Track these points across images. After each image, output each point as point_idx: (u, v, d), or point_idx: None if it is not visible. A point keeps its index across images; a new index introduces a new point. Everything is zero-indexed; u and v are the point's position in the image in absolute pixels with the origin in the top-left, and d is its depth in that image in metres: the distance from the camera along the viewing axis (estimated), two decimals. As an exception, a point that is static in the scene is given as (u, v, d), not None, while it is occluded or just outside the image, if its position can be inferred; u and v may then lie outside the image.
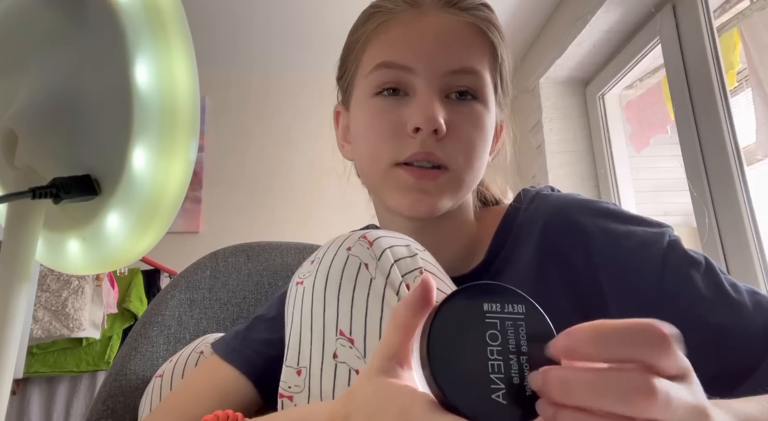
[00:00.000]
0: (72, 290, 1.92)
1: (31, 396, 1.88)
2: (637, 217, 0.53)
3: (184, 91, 0.43)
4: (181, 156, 0.44)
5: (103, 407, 0.73)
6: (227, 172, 2.50)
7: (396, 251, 0.45)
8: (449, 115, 0.53)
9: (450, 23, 0.55)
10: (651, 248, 0.48)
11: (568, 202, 0.55)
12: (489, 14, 0.57)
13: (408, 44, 0.55)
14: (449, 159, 0.53)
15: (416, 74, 0.54)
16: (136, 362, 0.78)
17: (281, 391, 0.43)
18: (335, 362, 0.40)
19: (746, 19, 1.65)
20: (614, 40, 1.97)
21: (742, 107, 1.89)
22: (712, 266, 0.48)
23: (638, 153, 2.14)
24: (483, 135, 0.56)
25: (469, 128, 0.54)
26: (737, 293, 0.45)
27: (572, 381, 0.23)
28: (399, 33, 0.55)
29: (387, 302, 0.41)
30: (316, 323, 0.42)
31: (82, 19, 0.45)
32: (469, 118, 0.54)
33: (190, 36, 0.43)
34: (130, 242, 0.47)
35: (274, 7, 2.16)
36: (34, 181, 0.45)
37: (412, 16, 0.55)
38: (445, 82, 0.54)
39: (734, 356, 0.43)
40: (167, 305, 0.84)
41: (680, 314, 0.45)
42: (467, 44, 0.55)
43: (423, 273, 0.44)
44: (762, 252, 1.36)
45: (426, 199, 0.53)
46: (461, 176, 0.54)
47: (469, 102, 0.55)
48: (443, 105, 0.54)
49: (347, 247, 0.44)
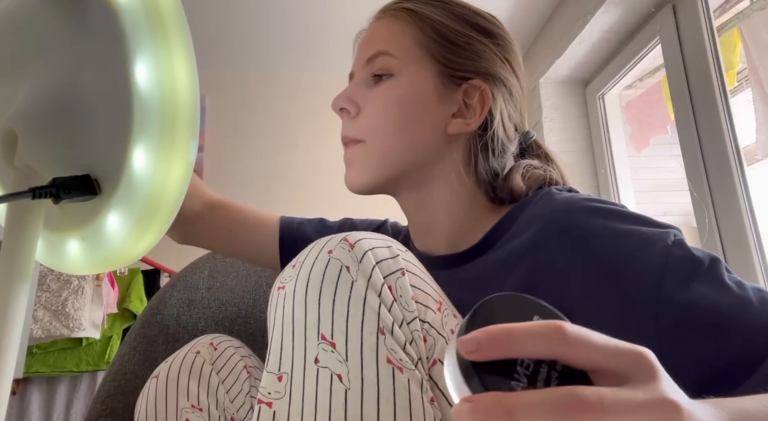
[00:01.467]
0: (72, 290, 1.92)
1: (31, 396, 1.88)
2: (643, 217, 0.52)
3: (184, 91, 0.43)
4: (181, 156, 0.44)
5: (102, 407, 0.73)
6: (227, 172, 2.50)
7: (378, 253, 0.44)
8: (365, 98, 0.63)
9: (374, 26, 0.66)
10: (653, 246, 0.48)
11: (573, 202, 0.55)
12: (404, 3, 0.65)
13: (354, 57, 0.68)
14: (361, 134, 0.62)
15: (355, 75, 0.66)
16: (135, 361, 0.78)
17: (260, 397, 0.42)
18: (317, 367, 0.40)
19: (746, 19, 1.65)
20: (614, 40, 1.97)
21: (742, 107, 1.89)
22: (716, 265, 0.47)
23: (638, 153, 2.14)
24: (396, 107, 0.61)
25: (378, 104, 0.61)
26: (742, 290, 0.45)
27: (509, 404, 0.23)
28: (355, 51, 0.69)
29: (368, 304, 0.41)
30: (297, 327, 0.42)
31: (81, 19, 0.45)
32: (379, 96, 0.62)
33: (190, 36, 0.43)
34: (130, 242, 0.47)
35: (274, 7, 2.16)
36: (34, 181, 0.45)
37: (361, 35, 0.68)
38: (365, 72, 0.64)
39: (737, 351, 0.42)
40: (166, 304, 0.84)
41: (681, 311, 0.45)
42: (380, 34, 0.64)
43: (405, 274, 0.44)
44: (762, 252, 1.36)
45: (346, 172, 0.64)
46: (371, 147, 0.62)
47: (384, 81, 0.62)
48: (363, 90, 0.63)
49: (328, 250, 0.44)
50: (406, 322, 0.43)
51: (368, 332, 0.40)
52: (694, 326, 0.44)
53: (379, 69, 0.62)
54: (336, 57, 2.51)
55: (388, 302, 0.42)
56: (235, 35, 2.35)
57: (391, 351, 0.40)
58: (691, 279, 0.46)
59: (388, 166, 0.61)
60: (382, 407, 0.38)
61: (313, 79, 2.64)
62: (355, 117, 0.63)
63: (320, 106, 2.60)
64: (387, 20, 0.65)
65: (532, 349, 0.25)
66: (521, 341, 0.25)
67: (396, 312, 0.42)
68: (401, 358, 0.40)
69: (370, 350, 0.40)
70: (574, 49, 2.03)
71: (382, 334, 0.40)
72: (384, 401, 0.38)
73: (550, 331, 0.25)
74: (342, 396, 0.38)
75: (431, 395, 0.41)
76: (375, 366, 0.39)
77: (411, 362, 0.41)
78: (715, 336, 0.43)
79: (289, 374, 0.41)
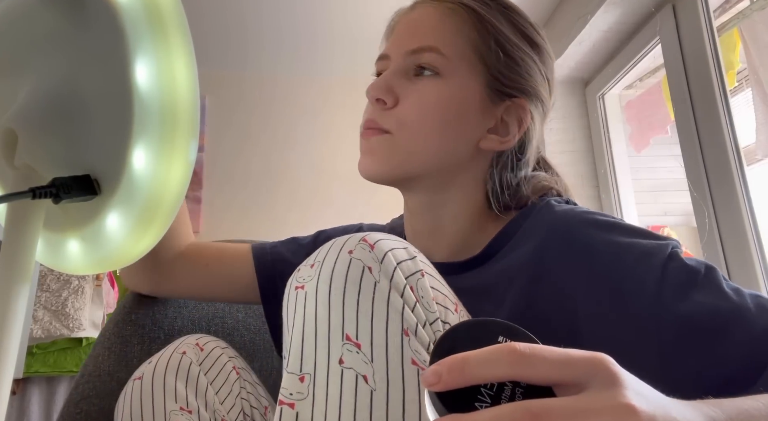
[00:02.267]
0: (72, 290, 1.92)
1: (31, 396, 1.88)
2: (642, 230, 0.53)
3: (184, 91, 0.43)
4: (181, 156, 0.44)
5: (77, 410, 0.69)
6: (227, 172, 2.50)
7: (397, 254, 0.44)
8: (405, 90, 0.59)
9: (424, 11, 0.62)
10: (653, 259, 0.49)
11: (573, 215, 0.56)
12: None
13: (391, 37, 0.64)
14: (391, 126, 0.59)
15: (391, 59, 0.62)
16: (111, 362, 0.74)
17: (282, 398, 0.41)
18: (341, 368, 0.39)
19: (746, 19, 1.65)
20: (614, 40, 1.97)
21: (742, 107, 1.89)
22: (713, 273, 0.48)
23: (638, 153, 2.14)
24: (440, 110, 0.59)
25: (420, 102, 0.59)
26: (739, 297, 0.45)
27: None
28: (393, 30, 0.65)
29: (392, 305, 0.41)
30: (320, 327, 0.41)
31: (81, 19, 0.45)
32: (421, 93, 0.59)
33: (190, 36, 0.43)
34: (130, 242, 0.47)
35: (275, 7, 2.16)
36: (34, 181, 0.45)
37: (405, 15, 0.64)
38: (408, 61, 0.60)
39: (737, 358, 0.43)
40: (140, 303, 0.80)
41: (680, 321, 0.45)
42: (432, 26, 0.60)
43: (424, 275, 0.44)
44: (762, 252, 1.36)
45: (362, 160, 0.61)
46: (399, 142, 0.59)
47: (427, 78, 0.59)
48: (402, 81, 0.60)
49: (348, 250, 0.44)
50: (429, 323, 0.42)
51: (393, 333, 0.40)
52: (693, 335, 0.45)
53: (426, 63, 0.59)
54: (336, 58, 2.51)
55: (411, 303, 0.42)
56: (235, 35, 2.35)
57: (415, 353, 0.40)
58: (689, 289, 0.47)
59: (410, 165, 0.59)
60: (407, 409, 0.38)
61: (313, 80, 2.64)
62: (390, 108, 0.59)
63: (320, 106, 2.60)
64: (442, 12, 0.60)
65: (489, 373, 0.26)
66: (477, 367, 0.26)
67: (419, 313, 0.42)
68: (425, 359, 0.40)
69: (395, 352, 0.39)
70: (574, 49, 2.03)
71: (407, 335, 0.40)
72: (410, 403, 0.38)
73: (502, 354, 0.27)
74: (368, 398, 0.38)
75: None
76: (400, 368, 0.39)
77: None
78: (714, 345, 0.44)
79: (311, 375, 0.40)
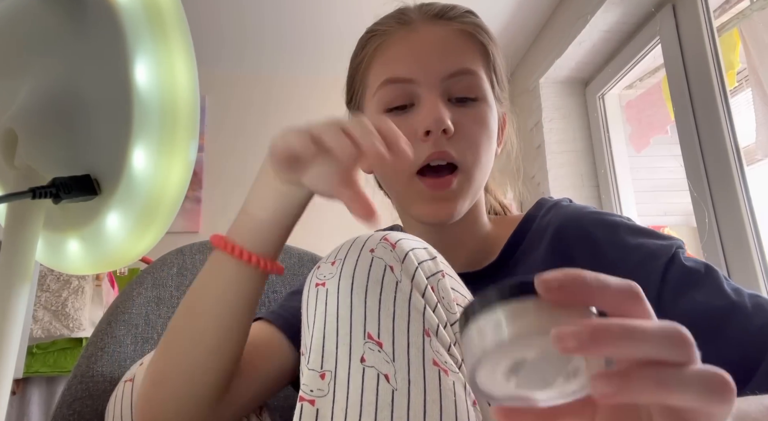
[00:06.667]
0: (72, 290, 1.92)
1: (31, 396, 1.88)
2: (648, 230, 0.54)
3: (184, 91, 0.43)
4: (181, 156, 0.44)
5: (69, 411, 0.68)
6: (227, 172, 2.50)
7: (418, 254, 0.44)
8: (455, 116, 0.57)
9: (441, 32, 0.60)
10: (656, 261, 0.50)
11: (583, 213, 0.58)
12: (475, 19, 0.62)
13: (407, 58, 0.59)
14: (460, 156, 0.57)
15: (418, 84, 0.58)
16: (103, 362, 0.73)
17: (302, 394, 0.41)
18: (363, 366, 0.39)
19: (746, 19, 1.65)
20: (614, 40, 1.97)
21: (742, 107, 1.89)
22: (713, 273, 0.49)
23: (638, 153, 2.14)
24: (488, 132, 0.59)
25: (474, 127, 0.58)
26: (738, 296, 0.46)
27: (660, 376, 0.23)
28: (397, 50, 0.60)
29: (414, 305, 0.41)
30: (342, 325, 0.41)
31: (82, 20, 0.45)
32: (474, 118, 0.58)
33: (190, 36, 0.43)
34: (130, 242, 0.47)
35: (274, 7, 2.16)
36: (34, 181, 0.45)
37: (406, 34, 0.60)
38: (445, 86, 0.58)
39: (733, 356, 0.43)
40: (134, 302, 0.80)
41: (677, 319, 0.45)
42: (459, 48, 0.59)
43: (445, 276, 0.44)
44: (762, 252, 1.36)
45: (445, 205, 0.57)
46: (472, 174, 0.58)
47: (471, 102, 0.59)
48: (447, 107, 0.57)
49: (370, 248, 0.44)
50: (450, 324, 0.42)
51: (415, 333, 0.40)
52: (691, 331, 0.45)
53: (467, 87, 0.58)
54: (336, 58, 2.50)
55: (432, 303, 0.42)
56: (235, 35, 2.35)
57: (436, 353, 0.40)
58: (688, 288, 0.48)
59: (477, 195, 0.61)
60: (428, 409, 0.38)
61: (314, 80, 2.64)
62: (450, 138, 0.57)
63: (319, 106, 2.59)
64: (456, 33, 0.60)
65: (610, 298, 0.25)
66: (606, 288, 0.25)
67: (440, 314, 0.42)
68: (446, 360, 0.40)
69: (416, 352, 0.39)
70: (574, 49, 2.03)
71: (428, 336, 0.40)
72: (431, 403, 0.38)
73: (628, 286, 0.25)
74: (389, 397, 0.38)
75: (473, 398, 0.41)
76: (422, 368, 0.39)
77: (455, 364, 0.41)
78: (710, 343, 0.44)
79: (332, 372, 0.40)
